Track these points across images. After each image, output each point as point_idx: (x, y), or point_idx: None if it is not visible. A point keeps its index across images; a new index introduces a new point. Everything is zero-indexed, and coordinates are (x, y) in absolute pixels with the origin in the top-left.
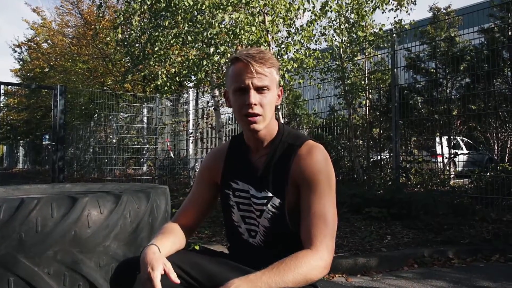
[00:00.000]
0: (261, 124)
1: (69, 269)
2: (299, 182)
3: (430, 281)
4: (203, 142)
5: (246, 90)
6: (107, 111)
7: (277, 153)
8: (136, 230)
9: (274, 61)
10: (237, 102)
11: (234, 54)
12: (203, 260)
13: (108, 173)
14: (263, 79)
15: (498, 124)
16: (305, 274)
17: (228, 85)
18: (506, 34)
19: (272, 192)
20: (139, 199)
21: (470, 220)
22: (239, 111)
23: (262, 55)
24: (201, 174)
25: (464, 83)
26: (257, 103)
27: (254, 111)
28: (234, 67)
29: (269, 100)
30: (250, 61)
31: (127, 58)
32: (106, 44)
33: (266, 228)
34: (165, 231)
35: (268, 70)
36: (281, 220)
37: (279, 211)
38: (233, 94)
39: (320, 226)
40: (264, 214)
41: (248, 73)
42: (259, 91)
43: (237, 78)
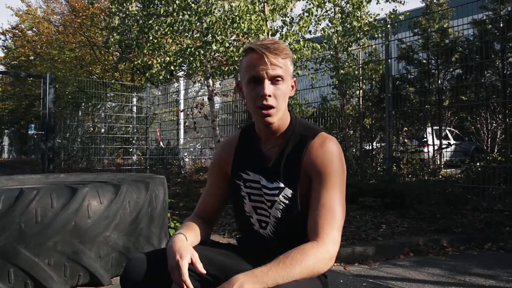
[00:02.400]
0: (275, 116)
1: (70, 260)
2: (310, 173)
3: (426, 269)
4: (197, 132)
5: (260, 80)
6: (95, 100)
7: (289, 144)
8: (135, 220)
9: (289, 52)
10: (251, 93)
11: (248, 44)
12: (216, 253)
13: (96, 162)
14: (278, 70)
15: (489, 115)
16: (312, 267)
17: (242, 76)
18: (498, 26)
19: (284, 183)
20: (139, 189)
21: (462, 209)
22: (253, 102)
23: (276, 45)
24: (212, 167)
25: (455, 74)
26: (271, 94)
27: (268, 102)
28: (248, 57)
29: (283, 92)
30: (264, 51)
31: (116, 46)
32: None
33: (277, 219)
34: (188, 224)
35: (282, 61)
36: (293, 211)
37: (291, 202)
38: (247, 85)
39: (328, 218)
40: (275, 205)
41: (263, 63)
42: (273, 82)
43: (251, 68)
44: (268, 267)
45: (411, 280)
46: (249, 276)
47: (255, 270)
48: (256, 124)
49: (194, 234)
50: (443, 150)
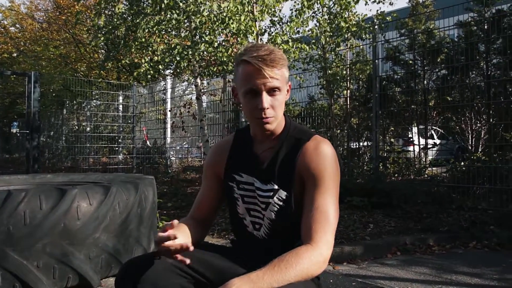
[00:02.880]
0: (273, 124)
1: (59, 262)
2: (304, 176)
3: (413, 268)
4: (185, 132)
5: (258, 93)
6: (80, 99)
7: (283, 147)
8: (125, 221)
9: (284, 61)
10: (248, 104)
11: (242, 52)
12: (210, 256)
13: (81, 161)
14: (274, 82)
15: (473, 115)
16: (306, 270)
17: (238, 85)
18: (482, 28)
19: (278, 185)
20: (128, 190)
21: (447, 208)
22: (251, 113)
23: (272, 56)
24: (206, 169)
25: (441, 75)
26: (269, 106)
27: (267, 115)
28: (244, 68)
29: (280, 101)
30: (261, 66)
31: (102, 44)
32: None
33: (271, 221)
34: (179, 226)
35: (278, 72)
36: (287, 213)
37: (285, 204)
38: (243, 95)
39: (321, 222)
40: (270, 206)
41: (260, 77)
42: (270, 93)
43: (247, 81)
44: (263, 271)
45: (399, 279)
46: (245, 280)
47: (251, 274)
48: (251, 127)
49: (182, 234)
50: (429, 149)
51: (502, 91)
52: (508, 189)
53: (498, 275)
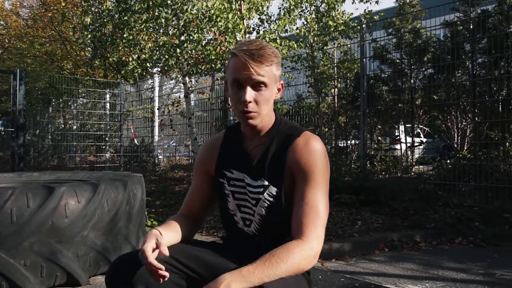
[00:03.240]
0: (256, 120)
1: (46, 260)
2: (295, 171)
3: (401, 263)
4: (173, 130)
5: (243, 85)
6: (66, 96)
7: (274, 143)
8: (113, 219)
9: (275, 58)
10: (233, 96)
11: (235, 47)
12: (201, 252)
13: (68, 160)
14: (260, 78)
15: (459, 114)
16: (297, 265)
17: (227, 75)
18: (468, 28)
19: (269, 181)
20: (117, 188)
21: (434, 205)
22: (236, 105)
23: (262, 52)
24: (197, 167)
25: (427, 73)
26: (252, 100)
27: (249, 109)
28: (233, 61)
29: (265, 97)
30: (248, 59)
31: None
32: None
33: (262, 217)
34: (168, 222)
35: (266, 68)
36: (277, 209)
37: (276, 200)
38: (231, 85)
39: (312, 217)
40: (260, 202)
41: (246, 70)
42: (255, 88)
43: (234, 71)
44: (254, 266)
45: (387, 275)
46: (236, 275)
47: (242, 269)
48: (241, 124)
49: (172, 231)
50: (416, 147)
51: (487, 90)
52: (493, 186)
53: (483, 270)
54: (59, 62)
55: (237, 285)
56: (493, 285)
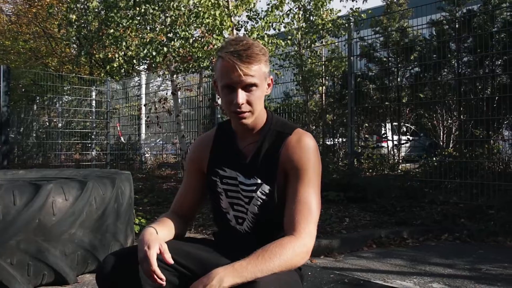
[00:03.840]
0: (249, 119)
1: (34, 259)
2: (287, 169)
3: (389, 260)
4: (160, 127)
5: (234, 88)
6: (51, 94)
7: (266, 141)
8: (102, 217)
9: (262, 56)
10: (225, 98)
11: (222, 46)
12: (193, 248)
13: (53, 158)
14: (250, 79)
15: (444, 112)
16: (290, 260)
17: (217, 78)
18: (454, 27)
19: (261, 179)
20: (105, 185)
21: (420, 202)
22: (228, 107)
23: (249, 52)
24: (188, 165)
25: (414, 72)
26: (245, 101)
27: (242, 109)
28: (221, 63)
29: (257, 96)
30: (236, 62)
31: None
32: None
33: (255, 215)
34: (162, 219)
35: (255, 67)
36: (270, 207)
37: (269, 198)
38: (221, 89)
39: (304, 213)
40: (253, 200)
41: (235, 73)
42: (246, 89)
43: (224, 76)
44: (247, 261)
45: (376, 271)
46: (228, 270)
47: (234, 264)
48: (232, 121)
49: (167, 229)
50: (402, 145)
51: (472, 88)
52: (478, 183)
53: (469, 266)
54: (43, 59)
55: (230, 279)
56: (479, 279)
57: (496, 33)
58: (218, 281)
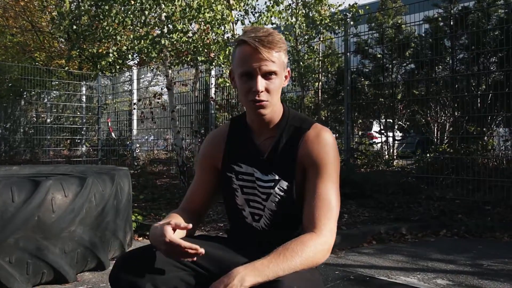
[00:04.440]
0: (267, 109)
1: (33, 257)
2: (306, 165)
3: (390, 256)
4: (154, 122)
5: (253, 75)
6: (39, 89)
7: (283, 136)
8: (101, 213)
9: (283, 44)
10: (243, 86)
11: (241, 34)
12: (208, 246)
13: (41, 154)
14: (271, 65)
15: (439, 109)
16: (312, 258)
17: (234, 67)
18: (449, 24)
19: (279, 175)
20: (104, 182)
21: (417, 198)
22: (246, 96)
23: (270, 38)
24: (201, 161)
25: (408, 69)
26: (264, 89)
27: (261, 98)
28: (240, 49)
29: (276, 86)
30: (258, 46)
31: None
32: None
33: (272, 212)
34: (171, 216)
35: (276, 54)
36: (288, 203)
37: (287, 194)
38: (239, 78)
39: (324, 210)
40: (271, 197)
41: (256, 58)
42: (266, 77)
43: (243, 62)
44: (269, 259)
45: (378, 267)
46: (249, 269)
47: (255, 262)
48: (248, 115)
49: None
50: (397, 141)
51: (466, 85)
52: (473, 179)
53: (470, 261)
54: (31, 53)
55: (251, 278)
56: (481, 275)
57: (490, 31)
58: (239, 280)
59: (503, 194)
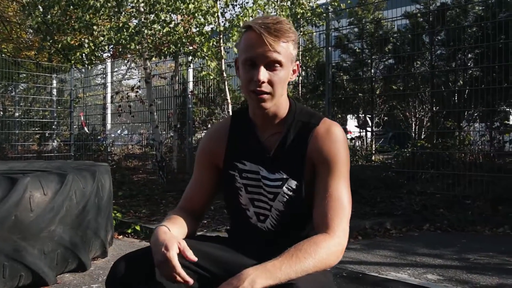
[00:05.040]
0: (268, 102)
1: (9, 259)
2: (316, 162)
3: (377, 251)
4: (132, 116)
5: (256, 64)
6: (6, 81)
7: (291, 132)
8: (82, 212)
9: (292, 35)
10: (245, 75)
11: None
12: (211, 248)
13: (9, 149)
14: (275, 55)
15: (417, 104)
16: (325, 260)
17: (239, 53)
18: (428, 19)
19: (287, 174)
20: (85, 179)
21: (398, 193)
22: (247, 85)
23: (279, 26)
24: (200, 158)
25: (388, 64)
26: (266, 80)
27: (262, 89)
28: (246, 36)
29: (280, 78)
30: (263, 32)
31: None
32: (22, 6)
33: (280, 212)
34: (172, 217)
35: (283, 44)
36: (297, 203)
37: (296, 194)
38: (242, 65)
39: (337, 209)
40: (278, 197)
41: (260, 46)
42: (270, 67)
43: (247, 49)
44: (280, 260)
45: (368, 263)
46: (260, 270)
47: (267, 264)
48: (251, 109)
49: (178, 228)
50: (362, 137)
51: (444, 80)
52: (452, 174)
53: (457, 255)
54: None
55: (262, 280)
56: (470, 269)
57: (468, 27)
58: (249, 282)
59: (482, 188)
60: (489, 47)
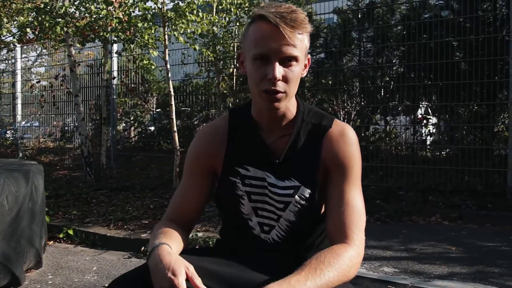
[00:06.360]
0: (283, 102)
1: None
2: (330, 167)
3: None
4: (56, 108)
5: (270, 60)
6: None
7: (301, 135)
8: (16, 219)
9: (307, 26)
10: (255, 72)
11: (257, 10)
12: (212, 264)
13: None
14: (292, 49)
15: (345, 98)
16: (347, 272)
17: (246, 48)
18: (357, 16)
19: (300, 181)
20: (17, 181)
21: None
22: (257, 84)
23: (294, 16)
24: (193, 163)
25: (319, 58)
26: (281, 77)
27: (277, 88)
28: (257, 26)
29: (296, 75)
30: (280, 23)
31: None
32: None
33: (290, 223)
34: (167, 231)
35: (300, 36)
36: (310, 213)
37: (309, 203)
38: (251, 61)
39: (354, 218)
40: (290, 206)
41: (276, 39)
42: (284, 63)
43: (259, 42)
44: (304, 275)
45: None
46: (285, 286)
47: (290, 279)
48: (256, 109)
49: (175, 243)
50: None
51: (372, 75)
52: (382, 166)
53: (403, 246)
54: None
55: None
56: (419, 260)
57: (393, 26)
58: None
59: (413, 180)
60: (414, 46)
